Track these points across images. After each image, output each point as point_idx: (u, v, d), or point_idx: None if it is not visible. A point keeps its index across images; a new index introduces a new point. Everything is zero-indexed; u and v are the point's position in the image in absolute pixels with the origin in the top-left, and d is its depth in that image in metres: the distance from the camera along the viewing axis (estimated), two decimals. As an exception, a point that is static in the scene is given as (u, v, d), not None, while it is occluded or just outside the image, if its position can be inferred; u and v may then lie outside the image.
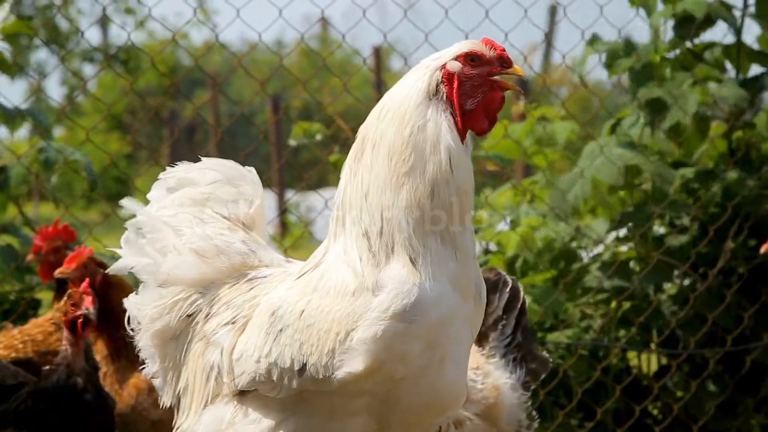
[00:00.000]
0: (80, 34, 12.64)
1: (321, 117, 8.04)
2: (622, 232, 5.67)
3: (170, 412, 4.12)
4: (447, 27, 5.53)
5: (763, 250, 4.66)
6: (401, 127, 2.57)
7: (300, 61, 19.42)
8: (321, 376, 2.55)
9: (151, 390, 4.12)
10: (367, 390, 2.56)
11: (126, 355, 4.17)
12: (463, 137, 2.61)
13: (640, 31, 5.60)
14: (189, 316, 2.78)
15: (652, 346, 5.67)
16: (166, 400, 2.86)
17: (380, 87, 11.02)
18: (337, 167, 6.11)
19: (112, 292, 4.05)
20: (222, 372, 2.69)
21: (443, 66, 2.61)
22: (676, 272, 5.69)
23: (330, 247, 2.65)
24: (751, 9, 5.68)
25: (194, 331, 2.77)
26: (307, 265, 2.69)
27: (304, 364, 2.56)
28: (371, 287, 2.54)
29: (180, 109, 18.68)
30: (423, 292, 2.54)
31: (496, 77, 2.63)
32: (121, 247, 2.90)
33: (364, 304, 2.54)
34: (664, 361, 5.83)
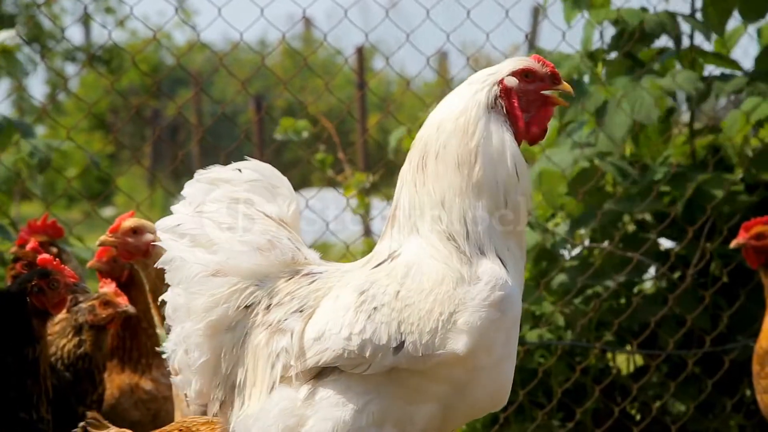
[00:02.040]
0: (62, 32, 12.59)
1: (304, 117, 8.04)
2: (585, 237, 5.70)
3: (149, 414, 4.14)
4: (428, 27, 5.55)
5: (733, 244, 4.70)
6: (465, 138, 2.77)
7: (283, 61, 19.40)
8: (420, 354, 2.67)
9: (133, 392, 4.13)
10: (452, 376, 2.69)
11: (119, 356, 4.19)
12: (518, 146, 2.81)
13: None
14: (247, 307, 2.81)
15: (628, 348, 5.70)
16: (198, 395, 2.84)
17: (363, 87, 11.03)
18: (324, 166, 6.13)
19: (133, 291, 4.07)
20: (291, 355, 2.72)
21: (501, 81, 2.81)
22: (653, 272, 5.72)
23: (402, 246, 2.78)
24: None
25: (254, 322, 2.80)
26: (372, 261, 2.80)
27: (402, 342, 2.68)
28: (468, 279, 2.71)
29: (163, 108, 18.65)
30: (512, 287, 2.73)
31: (548, 92, 2.84)
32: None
33: (463, 292, 2.69)
34: (640, 362, 5.85)
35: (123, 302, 3.84)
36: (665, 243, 5.87)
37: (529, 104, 2.82)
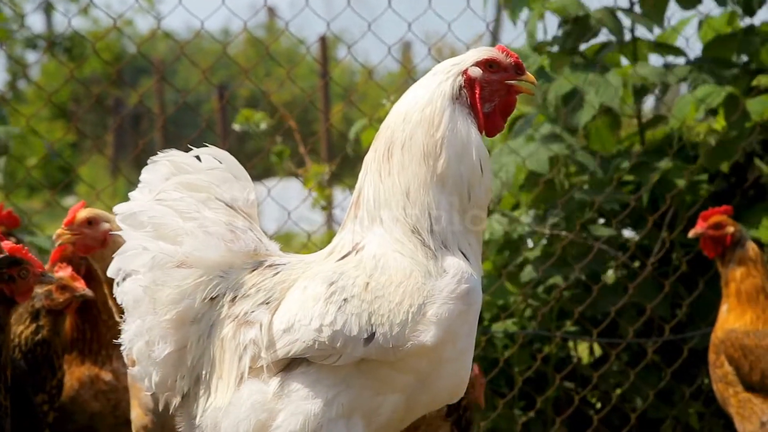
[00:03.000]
0: (22, 19, 12.46)
1: (266, 107, 8.01)
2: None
3: (108, 405, 4.12)
4: (392, 17, 5.55)
5: (691, 234, 4.73)
6: (431, 130, 2.77)
7: (246, 50, 19.32)
8: (391, 345, 2.68)
9: (93, 383, 4.11)
10: (418, 367, 2.71)
11: (79, 348, 4.16)
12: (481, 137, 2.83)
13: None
14: (213, 299, 2.79)
15: (589, 337, 5.73)
16: (158, 387, 2.81)
17: (326, 77, 11.02)
18: (282, 158, 6.10)
19: (91, 283, 4.03)
20: (260, 347, 2.71)
21: (465, 71, 2.81)
22: (614, 262, 5.76)
23: (366, 238, 2.77)
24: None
25: (219, 314, 2.78)
26: (335, 253, 2.79)
27: (373, 333, 2.68)
28: (434, 274, 2.72)
29: (125, 97, 18.52)
30: (476, 280, 2.76)
31: (512, 83, 2.84)
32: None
33: (431, 285, 2.71)
34: (599, 351, 5.89)
35: (80, 286, 3.80)
36: (626, 233, 5.91)
37: (492, 94, 2.83)
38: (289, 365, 2.72)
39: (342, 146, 5.85)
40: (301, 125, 6.42)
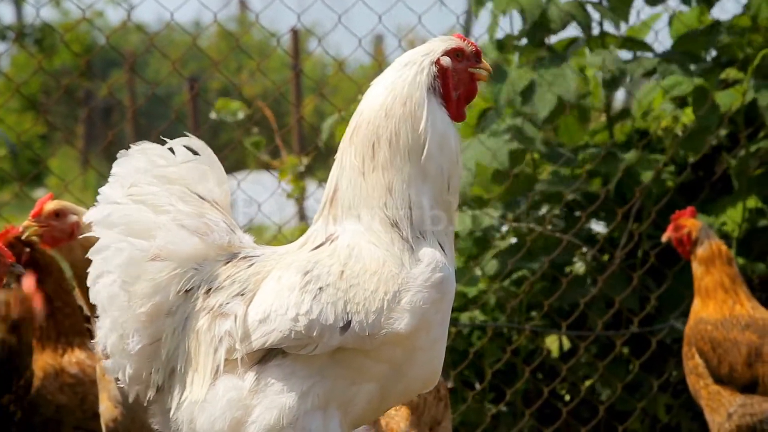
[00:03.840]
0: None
1: (238, 99, 7.98)
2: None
3: (75, 398, 4.10)
4: (364, 11, 5.54)
5: (664, 238, 4.82)
6: (415, 124, 2.78)
7: (218, 43, 19.26)
8: (367, 333, 2.69)
9: (57, 375, 4.09)
10: (393, 356, 2.72)
11: (38, 337, 4.13)
12: None
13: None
14: (187, 291, 2.78)
15: (558, 329, 5.76)
16: (132, 380, 2.80)
17: (297, 69, 11.00)
18: (257, 149, 6.09)
19: (38, 273, 4.00)
20: (236, 339, 2.71)
21: (437, 61, 2.81)
22: (583, 254, 5.78)
23: (338, 230, 2.78)
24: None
25: (194, 307, 2.77)
26: (308, 244, 2.79)
27: (349, 321, 2.69)
28: (407, 265, 2.74)
29: (96, 89, 18.42)
30: (450, 270, 2.78)
31: (474, 71, 2.86)
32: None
33: (406, 273, 2.73)
34: (568, 344, 5.92)
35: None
36: (595, 225, 5.94)
37: (458, 83, 2.85)
38: (263, 358, 2.72)
39: (313, 139, 5.84)
40: (273, 118, 6.40)
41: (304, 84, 14.00)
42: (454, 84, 2.84)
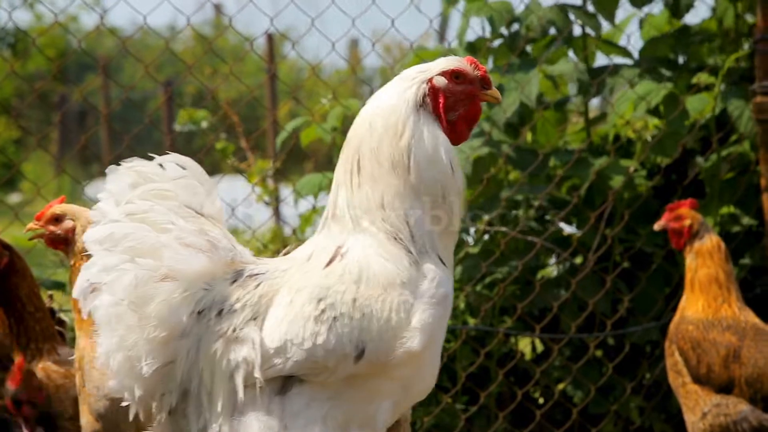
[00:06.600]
0: (-35, 15, 12.31)
1: (212, 103, 7.97)
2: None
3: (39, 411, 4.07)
4: (339, 15, 5.54)
5: (657, 226, 4.80)
6: (396, 138, 2.77)
7: (194, 47, 19.22)
8: (381, 359, 2.71)
9: (26, 386, 4.07)
10: (403, 373, 2.73)
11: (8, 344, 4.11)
12: None
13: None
14: (200, 313, 2.75)
15: (531, 332, 5.77)
16: (141, 401, 2.76)
17: (271, 73, 10.99)
18: (225, 155, 6.08)
19: (13, 277, 3.98)
20: (252, 365, 2.70)
21: (430, 80, 2.81)
22: (556, 257, 5.80)
23: (348, 242, 2.77)
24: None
25: (207, 329, 2.75)
26: (315, 258, 2.78)
27: (363, 350, 2.70)
28: (416, 280, 2.74)
29: (70, 93, 18.34)
30: (451, 285, 2.80)
31: (477, 96, 2.85)
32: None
33: (412, 291, 2.73)
34: (541, 347, 5.93)
35: None
36: (567, 228, 5.96)
37: (455, 104, 2.83)
38: (283, 386, 2.72)
39: (289, 143, 5.83)
40: (248, 122, 6.40)
41: (279, 88, 13.99)
42: (450, 104, 2.82)
